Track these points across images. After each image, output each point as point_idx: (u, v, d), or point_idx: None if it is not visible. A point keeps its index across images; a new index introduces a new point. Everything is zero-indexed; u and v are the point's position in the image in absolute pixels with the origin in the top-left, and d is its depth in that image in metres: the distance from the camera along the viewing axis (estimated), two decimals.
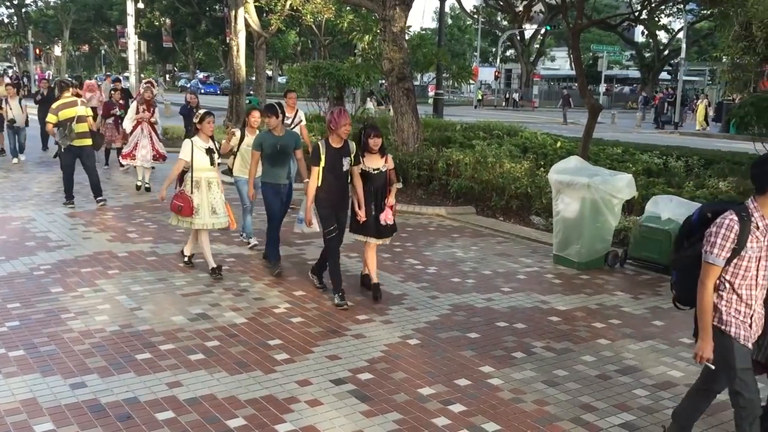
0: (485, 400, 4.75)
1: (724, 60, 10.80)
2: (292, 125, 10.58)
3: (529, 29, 54.22)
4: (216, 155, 7.40)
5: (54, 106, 10.73)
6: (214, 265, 7.35)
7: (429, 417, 4.49)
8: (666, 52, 50.25)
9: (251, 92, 26.83)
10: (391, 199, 6.73)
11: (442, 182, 12.03)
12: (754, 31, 8.29)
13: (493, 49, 61.70)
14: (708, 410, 4.36)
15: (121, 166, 14.28)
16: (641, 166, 12.55)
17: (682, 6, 26.39)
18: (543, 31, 54.35)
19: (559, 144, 14.56)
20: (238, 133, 8.50)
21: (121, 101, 14.52)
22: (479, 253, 8.86)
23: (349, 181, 6.60)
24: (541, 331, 6.15)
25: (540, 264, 8.40)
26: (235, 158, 8.56)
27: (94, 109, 14.81)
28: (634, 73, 58.10)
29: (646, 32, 42.77)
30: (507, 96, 54.76)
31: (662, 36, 50.42)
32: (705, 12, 29.26)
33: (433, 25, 58.63)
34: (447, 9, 37.57)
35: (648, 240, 8.08)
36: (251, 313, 6.35)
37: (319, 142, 6.44)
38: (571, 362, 5.47)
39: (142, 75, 30.60)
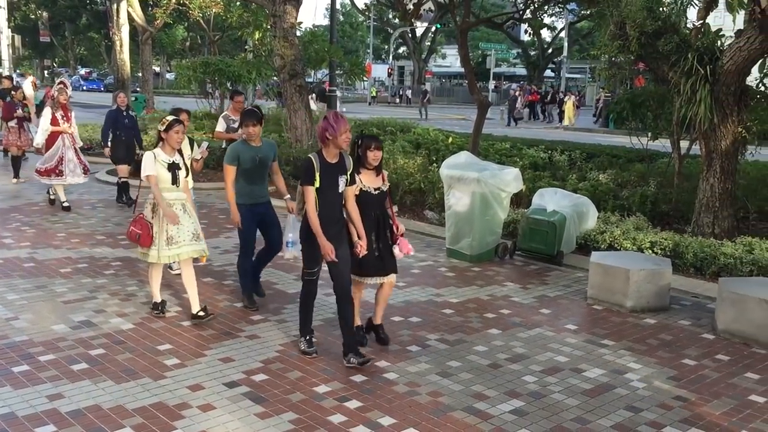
0: (381, 395, 4.77)
1: (602, 58, 11.32)
2: (239, 129, 9.98)
3: (420, 27, 55.09)
4: (183, 172, 6.02)
5: None
6: (158, 300, 6.25)
7: (325, 415, 4.47)
8: (550, 51, 52.34)
9: (137, 89, 25.87)
10: (401, 227, 5.64)
11: None
12: (628, 30, 8.71)
13: (386, 47, 62.29)
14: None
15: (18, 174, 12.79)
16: (528, 161, 13.03)
17: (562, 6, 27.53)
18: (433, 29, 55.36)
19: (450, 139, 14.88)
20: (204, 147, 7.36)
21: (24, 100, 13.20)
22: None
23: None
24: (435, 323, 6.25)
25: (434, 258, 8.54)
26: None
27: None
28: (521, 70, 60.16)
29: (530, 31, 44.37)
30: (400, 93, 55.40)
31: (546, 35, 52.51)
32: (585, 12, 30.66)
33: (326, 21, 58.51)
34: (338, 6, 37.59)
35: (535, 231, 8.38)
36: (139, 318, 6.11)
37: (312, 157, 5.14)
38: (464, 353, 5.59)
39: (19, 71, 28.37)
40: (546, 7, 18.55)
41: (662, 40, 8.60)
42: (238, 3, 24.74)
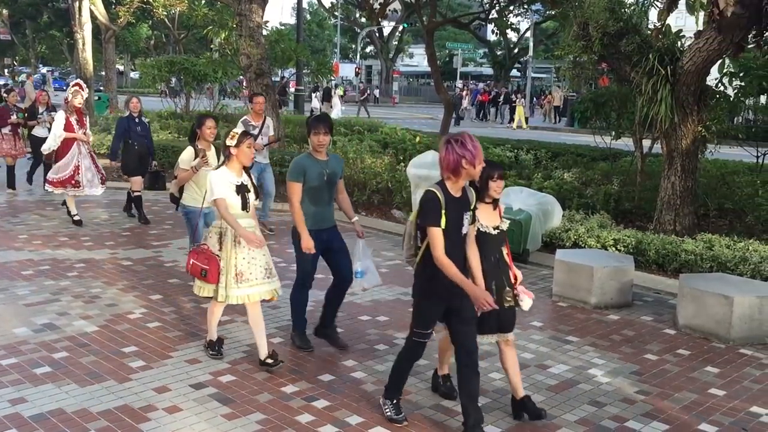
0: (348, 394, 4.79)
1: (566, 59, 11.47)
2: (260, 136, 8.94)
3: (387, 26, 55.15)
4: (252, 195, 5.16)
5: None
6: (214, 338, 5.39)
7: (293, 415, 4.47)
8: (516, 51, 52.77)
9: (101, 88, 25.49)
10: (519, 274, 4.68)
11: None
12: (590, 31, 8.84)
13: (353, 46, 62.23)
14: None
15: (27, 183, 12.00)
16: (494, 160, 13.12)
17: (527, 6, 27.79)
18: (400, 28, 55.44)
19: (417, 139, 14.93)
20: (212, 157, 6.69)
21: (19, 104, 12.15)
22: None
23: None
24: (402, 322, 6.26)
25: (401, 257, 8.54)
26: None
27: None
28: (488, 70, 60.56)
29: (496, 31, 44.75)
30: (368, 92, 55.36)
31: (512, 35, 52.88)
32: (549, 12, 30.99)
33: (292, 20, 58.28)
34: (305, 5, 37.56)
35: None
36: (103, 320, 6.03)
37: (435, 190, 4.08)
38: (431, 351, 5.59)
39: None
40: (511, 7, 18.72)
41: (624, 41, 8.74)
42: (202, 1, 24.54)
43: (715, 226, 9.21)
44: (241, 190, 5.06)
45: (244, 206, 5.06)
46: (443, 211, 4.05)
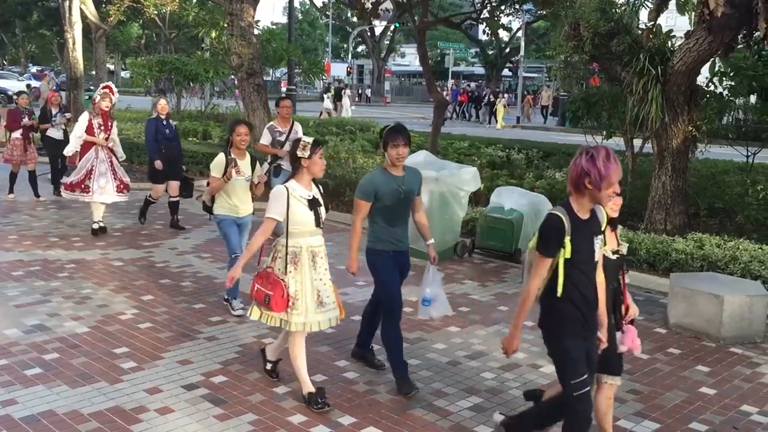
0: (341, 394, 4.78)
1: (557, 58, 11.49)
2: (287, 142, 8.44)
3: (378, 26, 55.11)
4: (323, 209, 4.70)
5: None
6: (312, 390, 4.62)
7: (285, 415, 4.46)
8: (507, 50, 52.86)
9: (91, 87, 25.34)
10: (634, 308, 4.14)
11: None
12: (582, 31, 8.86)
13: (345, 45, 62.18)
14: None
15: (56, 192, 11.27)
16: (486, 159, 13.16)
17: (519, 6, 27.84)
18: (392, 27, 55.44)
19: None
20: (245, 165, 6.29)
21: (27, 106, 11.54)
22: (334, 248, 8.87)
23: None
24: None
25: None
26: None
27: None
28: (480, 69, 60.64)
29: (488, 31, 44.80)
30: (359, 92, 55.37)
31: (503, 34, 53.00)
32: (541, 12, 31.10)
33: (284, 19, 58.21)
34: (297, 4, 37.54)
35: (493, 230, 8.47)
36: (94, 321, 6.00)
37: (559, 213, 3.47)
38: (423, 351, 5.63)
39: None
40: (503, 6, 18.74)
41: (615, 41, 8.77)
42: (194, 1, 24.46)
43: (706, 226, 9.25)
44: (314, 204, 4.59)
45: (318, 222, 4.60)
46: (567, 238, 3.43)
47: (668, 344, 5.97)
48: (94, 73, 24.16)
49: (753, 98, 12.33)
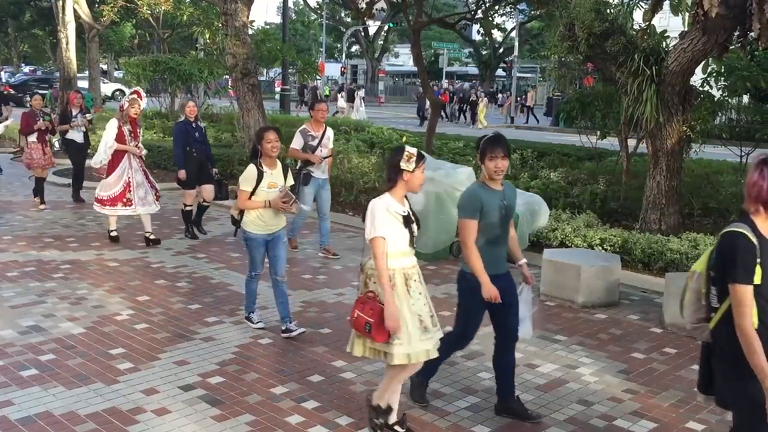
0: (338, 395, 4.78)
1: (552, 58, 11.52)
2: (320, 148, 8.18)
3: (372, 26, 55.12)
4: (416, 227, 4.26)
5: None
6: (384, 405, 4.22)
7: (282, 416, 4.46)
8: (501, 50, 52.95)
9: (85, 87, 25.23)
10: None
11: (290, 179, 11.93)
12: (576, 31, 8.87)
13: (339, 45, 62.15)
14: None
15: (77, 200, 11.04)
16: None
17: (513, 6, 27.91)
18: (386, 28, 55.46)
19: (404, 139, 14.93)
20: (276, 176, 5.72)
21: (45, 108, 11.02)
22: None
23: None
24: None
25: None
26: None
27: None
28: (473, 69, 60.71)
29: (482, 31, 44.86)
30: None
31: (497, 35, 53.06)
32: (535, 12, 31.17)
33: (278, 19, 58.13)
34: (290, 4, 37.38)
35: None
36: (90, 322, 5.99)
37: (743, 230, 2.98)
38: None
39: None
40: (497, 7, 18.82)
41: (610, 41, 8.79)
42: (187, 0, 24.39)
43: (700, 225, 9.28)
44: (408, 221, 4.14)
45: (412, 241, 4.18)
46: (758, 261, 2.92)
47: (664, 344, 5.99)
48: (87, 72, 24.06)
49: (746, 98, 12.39)
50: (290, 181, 5.82)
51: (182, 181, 8.96)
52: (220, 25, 15.02)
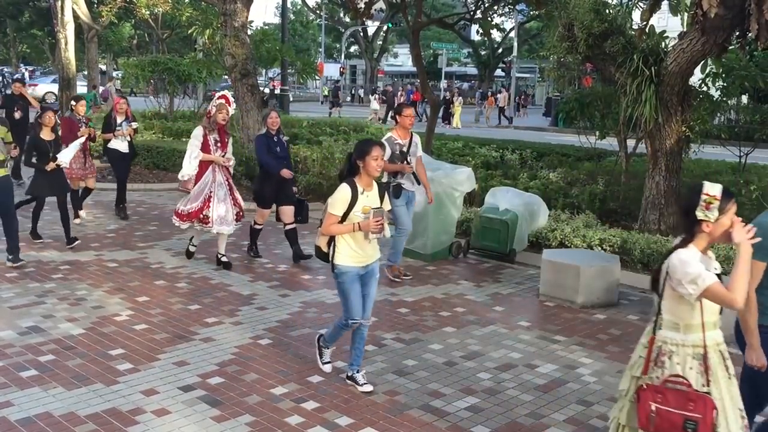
0: (338, 395, 4.79)
1: (551, 59, 11.52)
2: (408, 157, 7.39)
3: (371, 26, 55.13)
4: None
5: None
6: None
7: (282, 416, 4.46)
8: (500, 51, 52.96)
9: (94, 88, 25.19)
10: None
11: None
12: (575, 32, 8.88)
13: (338, 45, 62.17)
14: None
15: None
16: (480, 160, 13.17)
17: (512, 6, 27.93)
18: (385, 28, 55.47)
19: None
20: (372, 197, 4.72)
21: (83, 116, 9.87)
22: None
23: None
24: (390, 323, 6.28)
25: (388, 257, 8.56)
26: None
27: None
28: (472, 70, 60.71)
29: (481, 31, 44.91)
30: (352, 92, 55.38)
31: (496, 35, 53.09)
32: (534, 13, 31.18)
33: (276, 19, 58.10)
34: (289, 4, 37.38)
35: (488, 230, 8.48)
36: (89, 323, 5.98)
37: None
38: (419, 351, 5.63)
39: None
40: (496, 7, 18.84)
41: (609, 42, 8.79)
42: (186, 1, 24.40)
43: None
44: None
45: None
46: None
47: None
48: (86, 73, 24.06)
49: (745, 99, 12.40)
50: (387, 206, 4.83)
51: (262, 199, 8.12)
52: (219, 25, 15.02)
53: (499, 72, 57.32)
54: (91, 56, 23.39)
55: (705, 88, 9.50)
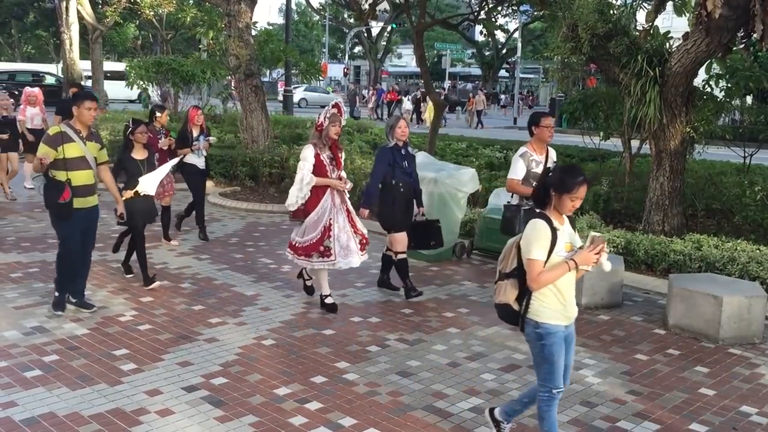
0: (341, 396, 4.79)
1: (554, 59, 11.51)
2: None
3: (375, 27, 55.16)
4: None
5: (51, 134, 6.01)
6: None
7: (285, 417, 4.46)
8: (504, 51, 52.97)
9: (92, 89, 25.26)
10: None
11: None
12: (579, 32, 8.87)
13: (342, 46, 62.21)
14: None
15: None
16: (484, 160, 13.17)
17: (516, 7, 27.88)
18: (389, 28, 55.49)
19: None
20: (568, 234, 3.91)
21: (164, 128, 8.93)
22: None
23: None
24: (394, 323, 6.28)
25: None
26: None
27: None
28: (476, 70, 60.72)
29: (484, 32, 44.93)
30: (356, 92, 55.35)
31: (500, 35, 53.07)
32: (537, 13, 31.20)
33: (280, 20, 58.16)
34: (293, 5, 37.40)
35: (491, 231, 8.47)
36: (94, 323, 5.99)
37: None
38: (423, 352, 5.63)
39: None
40: (500, 8, 18.76)
41: (613, 42, 8.78)
42: (191, 2, 24.43)
43: (703, 227, 9.26)
44: None
45: None
46: None
47: (667, 345, 5.98)
48: (90, 73, 24.12)
49: (749, 99, 12.37)
50: (578, 241, 4.01)
51: (389, 222, 6.99)
52: (223, 26, 15.05)
53: (503, 73, 57.34)
54: (96, 57, 23.44)
55: (709, 89, 9.48)
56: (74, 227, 6.09)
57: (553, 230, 3.74)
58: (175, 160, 7.39)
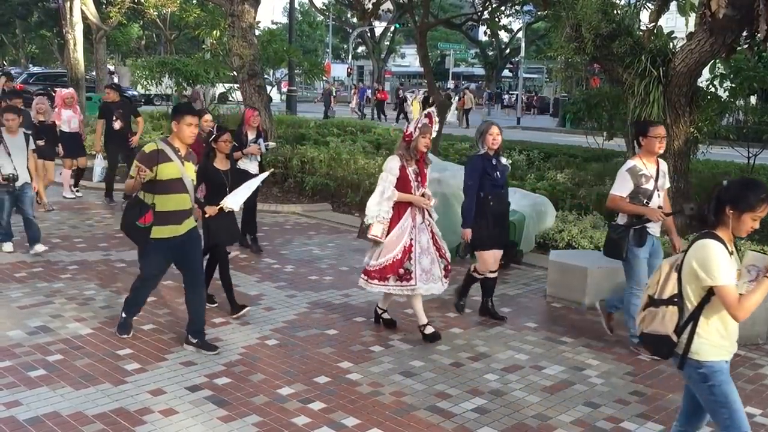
0: (344, 396, 4.79)
1: (558, 59, 11.51)
2: (656, 192, 5.71)
3: (378, 27, 55.14)
4: None
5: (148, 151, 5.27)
6: None
7: (288, 417, 4.47)
8: (507, 51, 52.91)
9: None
10: None
11: (297, 180, 11.98)
12: (583, 32, 8.87)
13: (345, 46, 62.21)
14: None
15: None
16: None
17: (519, 7, 27.90)
18: (392, 28, 55.48)
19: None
20: None
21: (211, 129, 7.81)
22: (336, 249, 8.91)
23: None
24: (397, 323, 6.28)
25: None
26: None
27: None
28: (480, 70, 60.66)
29: (488, 32, 44.81)
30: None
31: (503, 35, 53.02)
32: (541, 13, 31.19)
33: (284, 20, 58.23)
34: (296, 5, 37.47)
35: None
36: (97, 323, 6.01)
37: None
38: (426, 352, 5.63)
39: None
40: (503, 8, 18.81)
41: (616, 42, 8.77)
42: (194, 2, 24.48)
43: None
44: None
45: None
46: None
47: None
48: (94, 73, 24.17)
49: (753, 99, 12.34)
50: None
51: (480, 241, 6.29)
52: (226, 26, 15.07)
53: (506, 72, 57.29)
54: (100, 57, 23.47)
55: (713, 89, 9.46)
56: (158, 258, 5.49)
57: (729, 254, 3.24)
58: (265, 175, 6.67)
